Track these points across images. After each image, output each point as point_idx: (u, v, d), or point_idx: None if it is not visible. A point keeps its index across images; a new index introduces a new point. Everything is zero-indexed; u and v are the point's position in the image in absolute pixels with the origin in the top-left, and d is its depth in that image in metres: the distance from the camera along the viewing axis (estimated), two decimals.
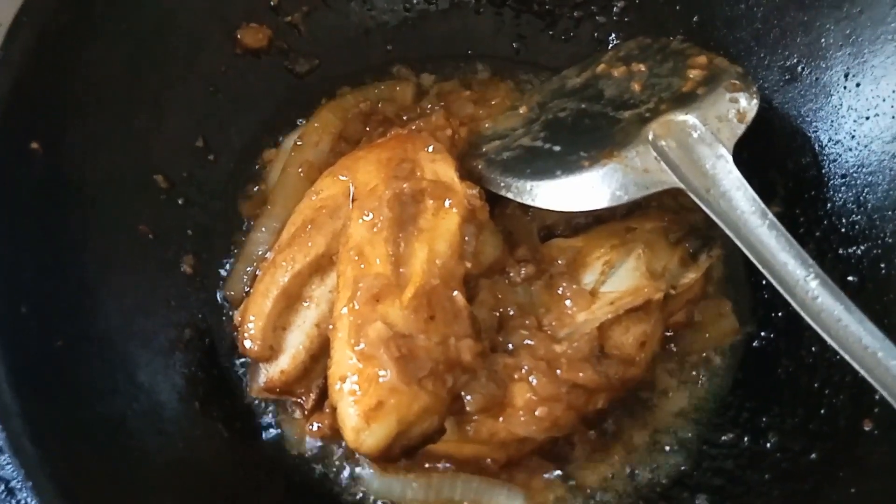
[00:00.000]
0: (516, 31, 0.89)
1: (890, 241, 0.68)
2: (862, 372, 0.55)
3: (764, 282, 0.65)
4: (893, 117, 0.68)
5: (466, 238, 0.66)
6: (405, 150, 0.71)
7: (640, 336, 0.68)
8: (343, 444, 0.69)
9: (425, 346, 0.60)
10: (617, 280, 0.69)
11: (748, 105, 0.66)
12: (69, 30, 0.65)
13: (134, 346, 0.65)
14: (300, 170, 0.78)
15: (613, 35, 0.87)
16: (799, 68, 0.74)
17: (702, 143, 0.64)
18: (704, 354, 0.76)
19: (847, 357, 0.56)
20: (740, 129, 0.65)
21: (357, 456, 0.69)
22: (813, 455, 0.65)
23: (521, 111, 0.79)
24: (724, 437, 0.72)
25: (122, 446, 0.60)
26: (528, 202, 0.69)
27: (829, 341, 0.56)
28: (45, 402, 0.57)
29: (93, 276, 0.64)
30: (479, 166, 0.73)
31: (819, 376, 0.68)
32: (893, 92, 0.68)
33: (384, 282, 0.62)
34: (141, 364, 0.65)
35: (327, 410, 0.65)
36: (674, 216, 0.75)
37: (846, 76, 0.71)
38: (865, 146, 0.71)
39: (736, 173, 0.63)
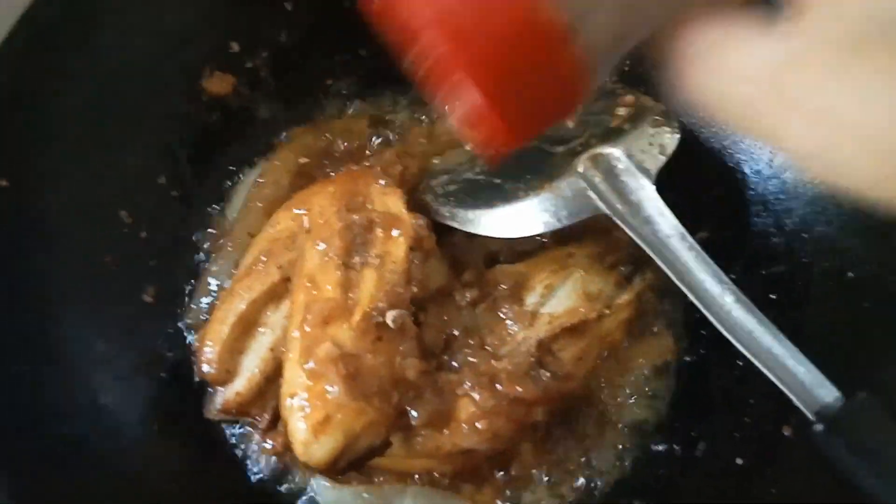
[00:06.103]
0: None
1: (805, 260, 0.74)
2: (773, 378, 0.59)
3: None
4: None
5: (414, 264, 0.71)
6: (357, 184, 0.75)
7: (576, 353, 0.73)
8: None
9: (372, 364, 0.64)
10: (556, 302, 0.74)
11: (670, 139, 0.72)
12: (37, 73, 0.69)
13: (96, 370, 0.68)
14: (260, 205, 0.83)
15: None
16: None
17: (626, 174, 0.69)
18: (642, 371, 0.80)
19: (759, 365, 0.60)
20: (662, 161, 0.70)
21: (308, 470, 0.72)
22: (739, 460, 0.69)
23: (467, 147, 0.84)
24: (658, 447, 0.76)
25: (83, 465, 0.63)
26: (472, 230, 0.74)
27: (743, 351, 0.61)
28: (5, 424, 0.60)
29: (56, 304, 0.67)
30: (428, 199, 0.78)
31: (746, 387, 0.73)
32: None
33: (334, 305, 0.66)
34: (103, 387, 0.68)
35: (281, 429, 0.68)
36: (610, 243, 0.80)
37: None
38: (781, 174, 0.77)
39: (657, 200, 0.68)
